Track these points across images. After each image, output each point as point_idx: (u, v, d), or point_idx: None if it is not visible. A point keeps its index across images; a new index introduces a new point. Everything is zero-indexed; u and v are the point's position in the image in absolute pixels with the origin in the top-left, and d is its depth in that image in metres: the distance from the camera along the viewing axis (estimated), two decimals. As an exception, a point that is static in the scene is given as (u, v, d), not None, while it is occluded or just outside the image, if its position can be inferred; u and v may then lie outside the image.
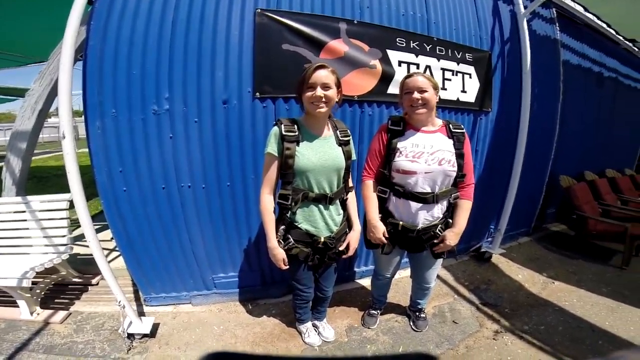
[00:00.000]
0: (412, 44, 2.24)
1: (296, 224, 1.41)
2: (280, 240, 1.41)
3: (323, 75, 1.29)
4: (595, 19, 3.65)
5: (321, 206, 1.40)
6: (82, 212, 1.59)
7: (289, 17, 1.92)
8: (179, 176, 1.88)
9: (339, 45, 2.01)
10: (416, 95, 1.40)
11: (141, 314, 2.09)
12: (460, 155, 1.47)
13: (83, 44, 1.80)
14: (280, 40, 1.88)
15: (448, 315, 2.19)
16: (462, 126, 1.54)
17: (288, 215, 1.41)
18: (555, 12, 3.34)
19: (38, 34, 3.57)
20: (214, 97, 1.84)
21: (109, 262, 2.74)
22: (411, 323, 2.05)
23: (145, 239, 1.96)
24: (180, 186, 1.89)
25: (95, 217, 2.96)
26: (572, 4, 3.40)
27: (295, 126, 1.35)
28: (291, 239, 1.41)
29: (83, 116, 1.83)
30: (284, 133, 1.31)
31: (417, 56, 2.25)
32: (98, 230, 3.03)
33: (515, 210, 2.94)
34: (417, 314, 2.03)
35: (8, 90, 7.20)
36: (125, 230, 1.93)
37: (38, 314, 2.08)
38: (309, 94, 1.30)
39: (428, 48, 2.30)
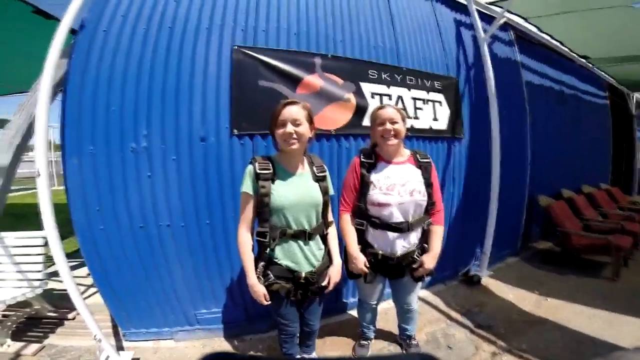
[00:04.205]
0: (383, 76, 2.36)
1: (276, 260, 1.41)
2: (260, 277, 1.40)
3: (293, 112, 1.31)
4: (549, 38, 3.91)
5: (300, 242, 1.41)
6: (56, 251, 1.61)
7: (265, 54, 1.99)
8: (158, 215, 1.87)
9: (314, 80, 2.09)
10: (388, 126, 1.49)
11: (120, 348, 2.05)
12: (429, 185, 1.57)
13: (63, 77, 1.80)
14: (256, 76, 1.95)
15: (442, 341, 2.13)
16: (429, 156, 1.64)
17: (267, 252, 1.40)
18: (513, 34, 3.56)
19: (20, 63, 3.46)
20: (191, 134, 1.87)
21: (88, 297, 2.73)
22: (403, 352, 2.01)
23: (123, 276, 1.94)
24: (159, 225, 1.88)
25: (74, 254, 2.89)
26: (527, 25, 3.61)
27: (270, 164, 1.37)
28: (271, 275, 1.41)
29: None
30: (258, 171, 1.33)
31: (388, 87, 2.37)
32: (77, 266, 2.99)
33: (498, 232, 2.98)
34: (408, 341, 2.00)
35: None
36: (103, 267, 1.91)
37: (9, 345, 2.06)
38: (280, 131, 1.32)
39: (399, 78, 2.42)
